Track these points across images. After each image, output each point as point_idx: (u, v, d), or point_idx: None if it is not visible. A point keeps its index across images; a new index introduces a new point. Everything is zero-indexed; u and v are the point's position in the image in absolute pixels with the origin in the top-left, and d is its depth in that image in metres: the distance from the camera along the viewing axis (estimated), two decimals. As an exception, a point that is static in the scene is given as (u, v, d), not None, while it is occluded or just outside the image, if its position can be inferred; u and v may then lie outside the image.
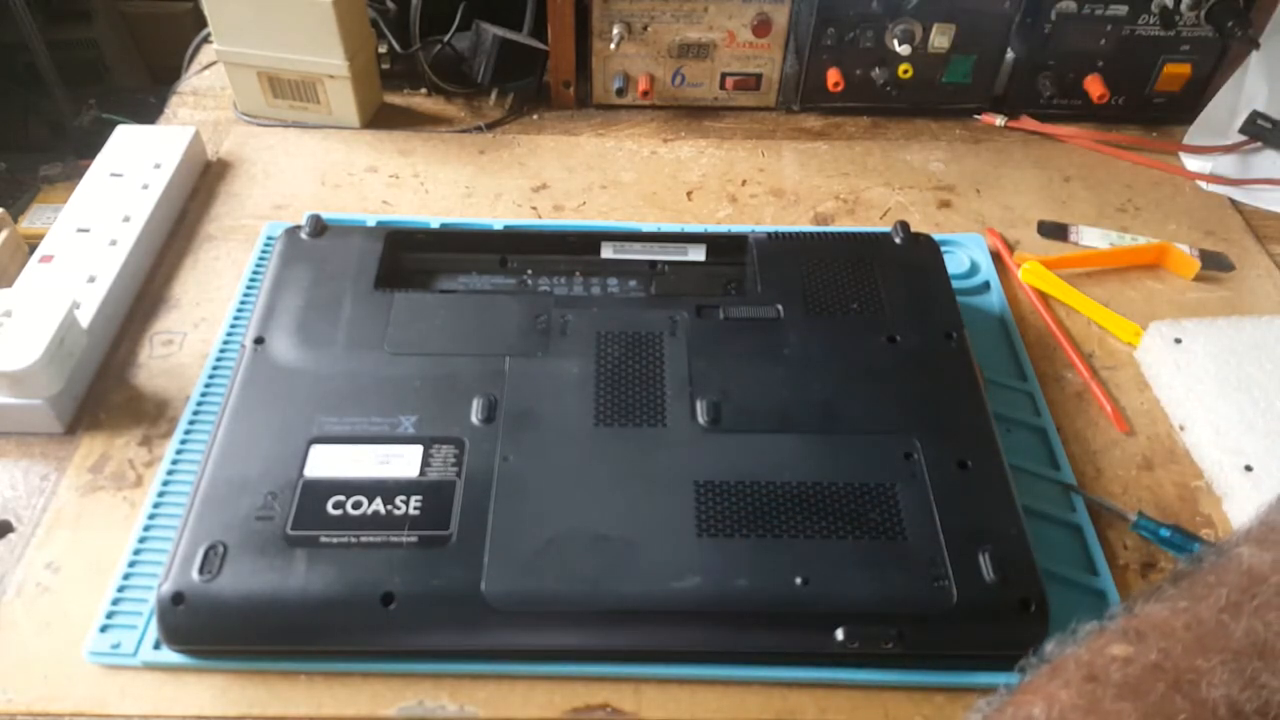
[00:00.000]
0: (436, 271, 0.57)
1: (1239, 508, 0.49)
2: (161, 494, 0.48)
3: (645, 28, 0.73)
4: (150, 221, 0.62)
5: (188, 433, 0.51)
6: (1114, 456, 0.53)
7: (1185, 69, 0.75)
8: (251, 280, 0.60)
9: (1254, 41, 0.69)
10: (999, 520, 0.44)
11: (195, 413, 0.52)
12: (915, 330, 0.52)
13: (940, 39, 0.73)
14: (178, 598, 0.41)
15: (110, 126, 0.70)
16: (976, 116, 0.78)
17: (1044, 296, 0.62)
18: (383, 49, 0.76)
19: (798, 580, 0.42)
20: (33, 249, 0.60)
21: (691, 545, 0.43)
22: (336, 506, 0.43)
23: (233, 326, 0.57)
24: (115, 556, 0.46)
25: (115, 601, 0.44)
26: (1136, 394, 0.57)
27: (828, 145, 0.76)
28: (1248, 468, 0.50)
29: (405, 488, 0.44)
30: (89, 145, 0.89)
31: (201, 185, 0.69)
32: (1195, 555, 0.33)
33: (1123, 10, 0.72)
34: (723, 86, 0.77)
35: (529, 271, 0.57)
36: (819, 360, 0.51)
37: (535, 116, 0.78)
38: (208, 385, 0.53)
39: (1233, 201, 0.71)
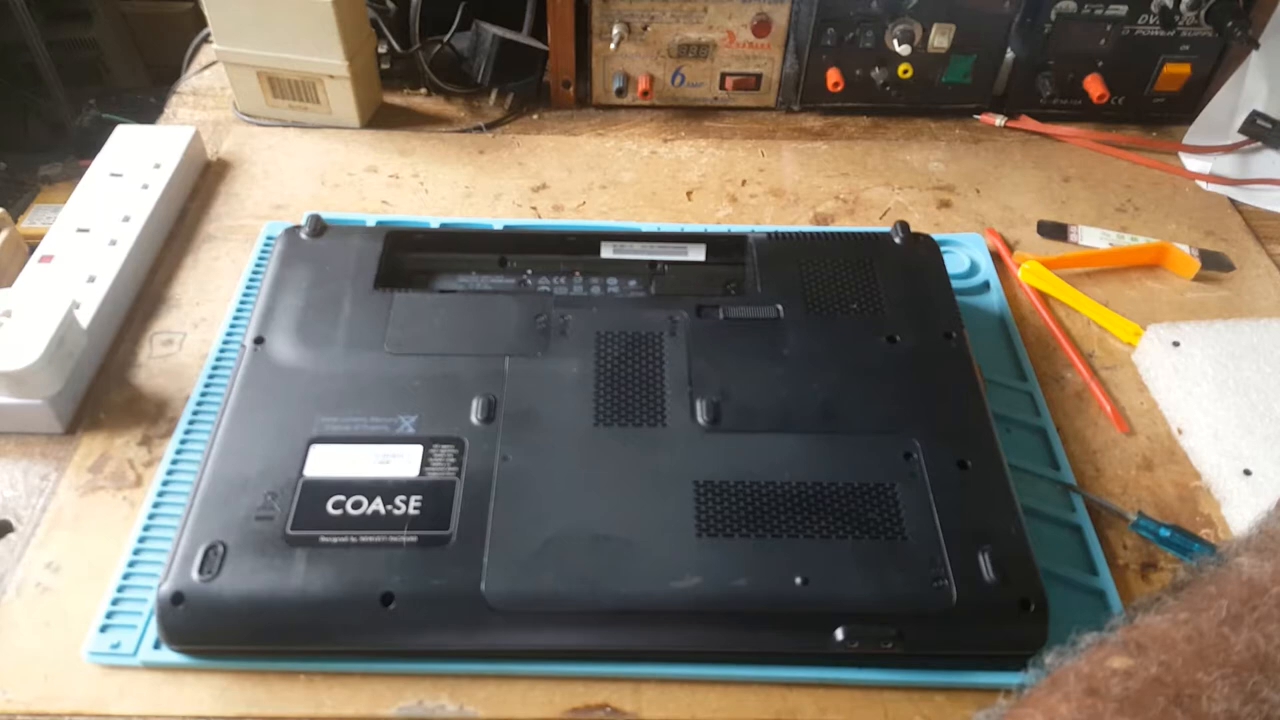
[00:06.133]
0: (436, 271, 0.57)
1: (1238, 512, 0.49)
2: (161, 494, 0.48)
3: (645, 28, 0.73)
4: (150, 221, 0.62)
5: (187, 433, 0.51)
6: (1113, 456, 0.53)
7: (1185, 69, 0.75)
8: (251, 280, 0.60)
9: (1254, 41, 0.69)
10: (999, 520, 0.44)
11: (195, 413, 0.52)
12: (915, 330, 0.52)
13: (940, 39, 0.73)
14: (177, 597, 0.41)
15: (110, 126, 0.70)
16: (976, 116, 0.78)
17: (1044, 296, 0.62)
18: (382, 49, 0.76)
19: (797, 580, 0.42)
20: (33, 249, 0.60)
21: (691, 545, 0.43)
22: (336, 506, 0.43)
23: (232, 326, 0.57)
24: (115, 556, 0.46)
25: (115, 601, 0.44)
26: (1136, 394, 0.57)
27: (827, 145, 0.76)
28: (1246, 471, 0.50)
29: (405, 488, 0.44)
30: (89, 145, 0.89)
31: (201, 185, 0.69)
32: (1195, 564, 0.33)
33: (1123, 10, 0.72)
34: (722, 86, 0.77)
35: (529, 271, 0.57)
36: (819, 360, 0.51)
37: (535, 116, 0.78)
38: (207, 385, 0.53)
39: (1232, 201, 0.71)
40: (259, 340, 0.50)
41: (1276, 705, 0.27)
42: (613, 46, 0.73)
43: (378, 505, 0.43)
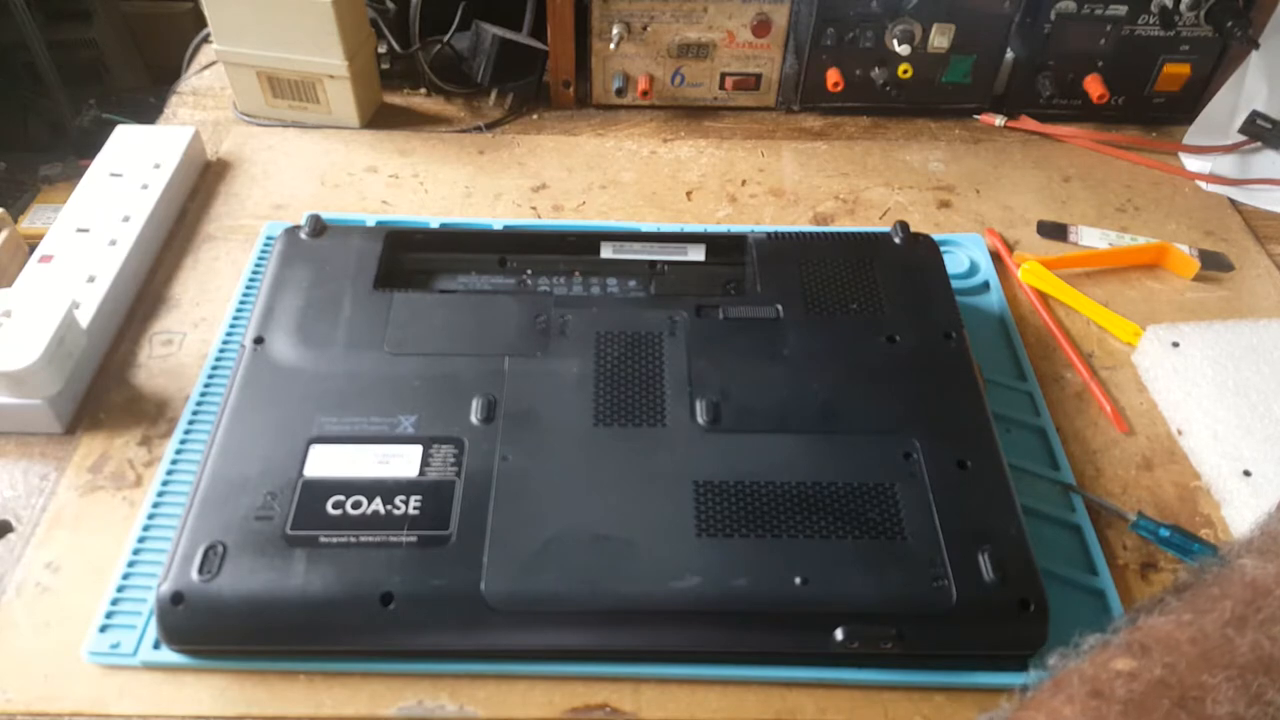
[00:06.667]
0: (436, 271, 0.57)
1: (1238, 513, 0.49)
2: (161, 494, 0.48)
3: (645, 28, 0.73)
4: (150, 221, 0.62)
5: (187, 433, 0.51)
6: (1113, 456, 0.53)
7: (1185, 69, 0.75)
8: (251, 280, 0.60)
9: (1254, 41, 0.69)
10: (998, 520, 0.44)
11: (195, 413, 0.52)
12: (915, 330, 0.52)
13: (940, 39, 0.73)
14: (177, 597, 0.41)
15: (110, 126, 0.70)
16: (976, 116, 0.78)
17: (1043, 296, 0.62)
18: (382, 49, 0.76)
19: (797, 580, 0.42)
20: (33, 249, 0.60)
21: (691, 545, 0.43)
22: (336, 506, 0.43)
23: (232, 326, 0.57)
24: (115, 556, 0.46)
25: (114, 601, 0.44)
26: (1136, 394, 0.57)
27: (827, 145, 0.76)
28: (1246, 473, 0.50)
29: (405, 488, 0.44)
30: (89, 145, 0.89)
31: (201, 185, 0.69)
32: (1198, 566, 0.33)
33: (1122, 10, 0.72)
34: (722, 86, 0.77)
35: (528, 271, 0.57)
36: (818, 360, 0.51)
37: (535, 116, 0.78)
38: (207, 385, 0.53)
39: (1232, 201, 0.71)
40: (259, 340, 0.50)
41: None
42: (613, 46, 0.73)
43: (377, 505, 0.43)
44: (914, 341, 0.52)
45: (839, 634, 0.41)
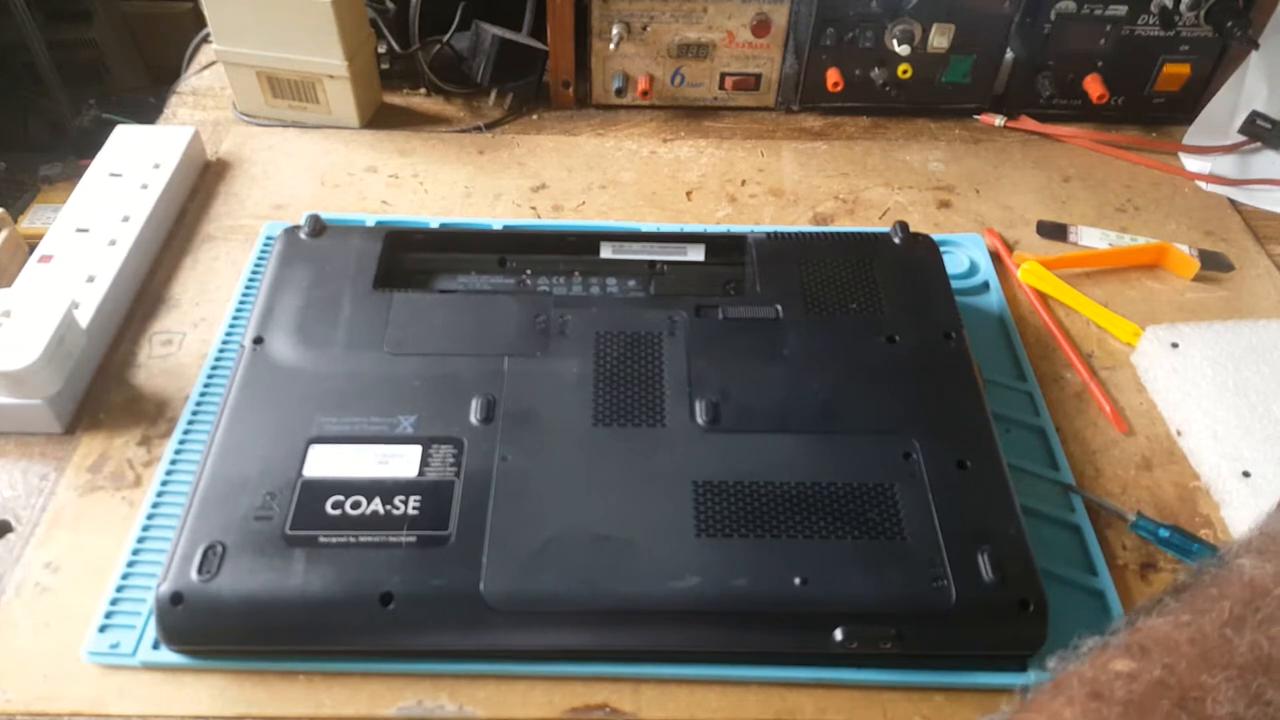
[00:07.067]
0: (435, 271, 0.57)
1: (1237, 514, 0.49)
2: (160, 494, 0.48)
3: (645, 28, 0.73)
4: (149, 221, 0.62)
5: (187, 433, 0.51)
6: (1113, 456, 0.53)
7: (1185, 69, 0.75)
8: (251, 280, 0.60)
9: (1253, 42, 0.69)
10: (998, 520, 0.44)
11: (194, 413, 0.52)
12: (914, 330, 0.52)
13: (939, 39, 0.73)
14: (176, 597, 0.41)
15: (110, 126, 0.70)
16: (976, 116, 0.78)
17: (1043, 296, 0.62)
18: (382, 49, 0.76)
19: (796, 580, 0.42)
20: (32, 249, 0.60)
21: (690, 545, 0.43)
22: (335, 506, 0.43)
23: (232, 326, 0.57)
24: (114, 556, 0.46)
25: (114, 601, 0.44)
26: (1135, 394, 0.57)
27: (827, 145, 0.76)
28: (1245, 473, 0.50)
29: (404, 488, 0.44)
30: (89, 145, 0.89)
31: (201, 185, 0.69)
32: (1196, 566, 0.33)
33: (1122, 10, 0.72)
34: (722, 86, 0.77)
35: (528, 271, 0.57)
36: (818, 360, 0.51)
37: (535, 116, 0.78)
38: (207, 385, 0.53)
39: (1232, 202, 0.71)
40: (258, 340, 0.50)
41: None
42: (612, 46, 0.73)
43: (377, 505, 0.43)
44: (914, 341, 0.52)
45: (838, 634, 0.41)
